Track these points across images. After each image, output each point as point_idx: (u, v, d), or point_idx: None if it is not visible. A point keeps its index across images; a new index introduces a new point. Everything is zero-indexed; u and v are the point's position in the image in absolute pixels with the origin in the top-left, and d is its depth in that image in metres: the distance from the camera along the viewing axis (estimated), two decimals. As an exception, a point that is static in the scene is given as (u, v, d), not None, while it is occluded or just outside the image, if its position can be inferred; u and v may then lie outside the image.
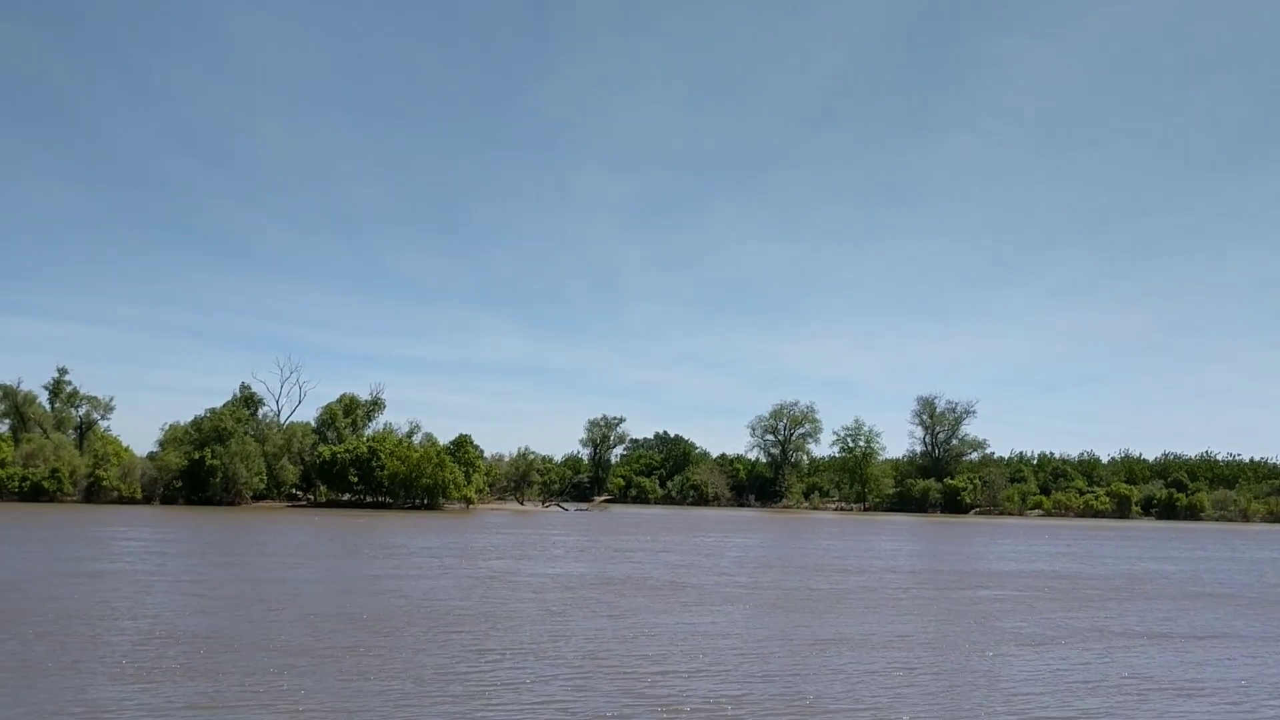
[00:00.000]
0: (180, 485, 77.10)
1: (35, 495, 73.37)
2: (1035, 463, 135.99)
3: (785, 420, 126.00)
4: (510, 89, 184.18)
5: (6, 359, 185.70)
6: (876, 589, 27.40)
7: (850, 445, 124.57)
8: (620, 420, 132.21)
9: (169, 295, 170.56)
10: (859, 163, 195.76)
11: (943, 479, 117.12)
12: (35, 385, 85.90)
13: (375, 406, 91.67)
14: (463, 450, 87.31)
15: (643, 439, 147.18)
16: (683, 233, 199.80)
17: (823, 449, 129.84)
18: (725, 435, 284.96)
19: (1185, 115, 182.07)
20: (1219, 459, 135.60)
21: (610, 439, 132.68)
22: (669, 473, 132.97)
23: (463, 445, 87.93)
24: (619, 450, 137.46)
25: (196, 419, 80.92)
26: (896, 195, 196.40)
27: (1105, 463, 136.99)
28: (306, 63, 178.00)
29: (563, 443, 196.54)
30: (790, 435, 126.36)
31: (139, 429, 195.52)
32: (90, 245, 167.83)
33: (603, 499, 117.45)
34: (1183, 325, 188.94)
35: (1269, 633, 20.92)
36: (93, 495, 75.56)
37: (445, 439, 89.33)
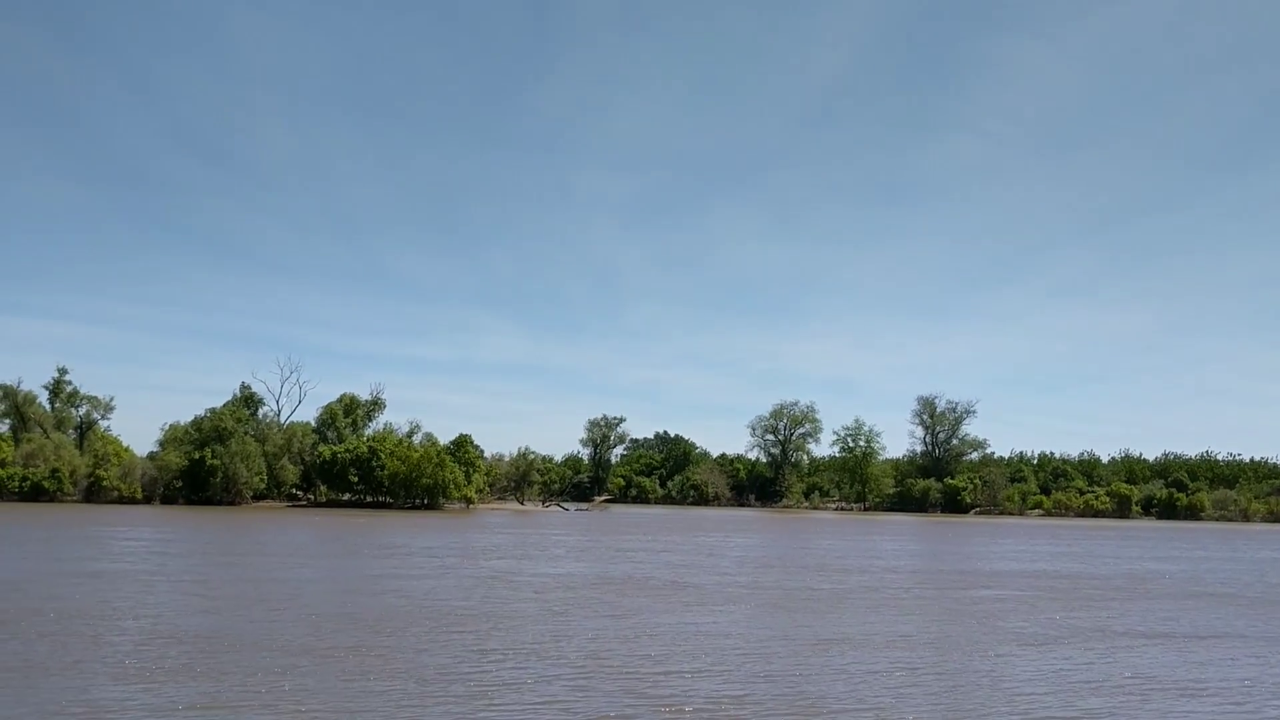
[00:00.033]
0: (180, 485, 77.11)
1: (35, 495, 73.38)
2: (1035, 463, 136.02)
3: (785, 420, 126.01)
4: (510, 89, 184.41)
5: (6, 359, 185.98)
6: (878, 589, 27.39)
7: (850, 445, 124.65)
8: (620, 420, 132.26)
9: (169, 295, 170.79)
10: (859, 163, 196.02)
11: (943, 479, 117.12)
12: (35, 385, 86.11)
13: (375, 406, 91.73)
14: (463, 450, 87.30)
15: (643, 439, 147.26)
16: (683, 233, 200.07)
17: (823, 449, 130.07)
18: (725, 435, 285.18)
19: (1185, 115, 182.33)
20: (1219, 459, 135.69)
21: (610, 439, 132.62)
22: (669, 473, 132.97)
23: (463, 445, 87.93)
24: (619, 450, 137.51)
25: (197, 419, 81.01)
26: (896, 195, 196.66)
27: (1105, 463, 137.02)
28: (306, 63, 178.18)
29: (563, 443, 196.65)
30: (790, 435, 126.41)
31: (139, 429, 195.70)
32: (90, 245, 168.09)
33: (603, 499, 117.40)
34: (1183, 325, 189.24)
35: (1271, 632, 20.91)
36: (93, 495, 75.56)
37: (445, 439, 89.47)
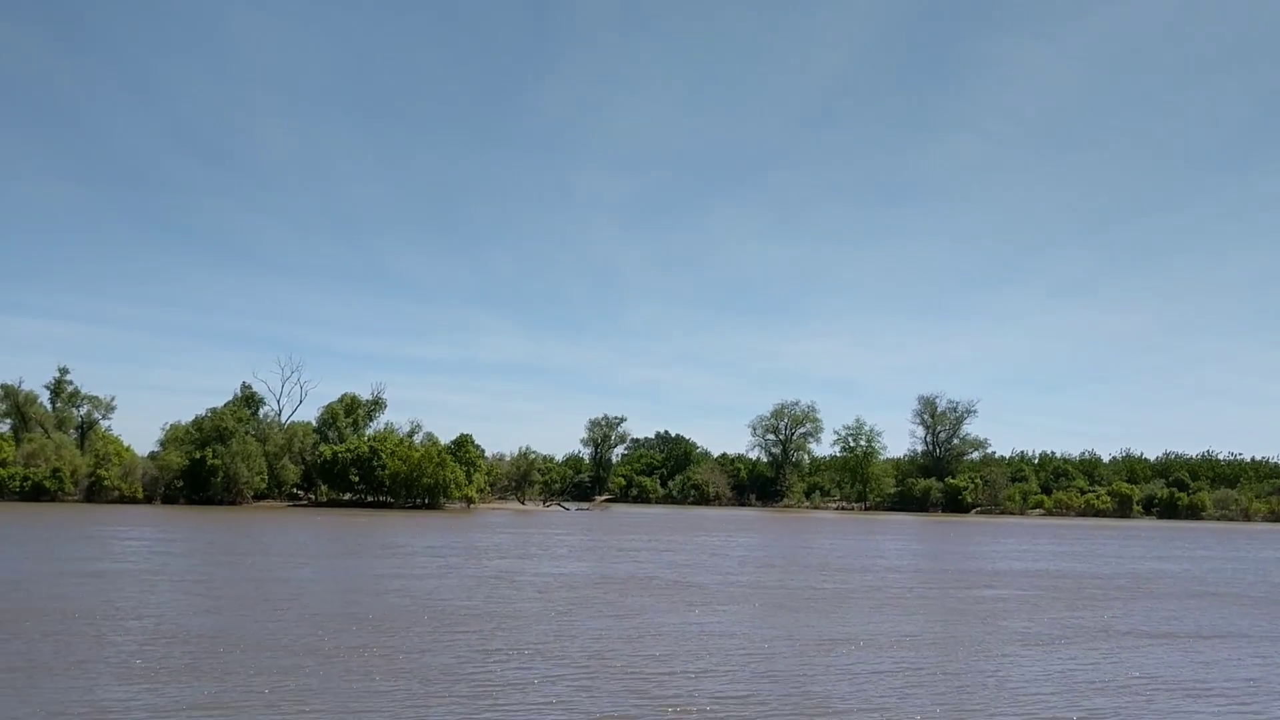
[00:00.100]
0: (181, 485, 77.09)
1: (36, 495, 73.39)
2: (1036, 462, 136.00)
3: (786, 420, 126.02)
4: (510, 89, 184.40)
5: (7, 359, 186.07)
6: (880, 588, 27.37)
7: (851, 445, 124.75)
8: (621, 420, 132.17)
9: (169, 295, 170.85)
10: (859, 163, 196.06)
11: (944, 478, 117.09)
12: (36, 385, 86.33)
13: (376, 406, 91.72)
14: (464, 450, 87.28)
15: (643, 439, 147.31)
16: (683, 233, 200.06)
17: (824, 448, 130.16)
18: (726, 435, 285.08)
19: (1185, 115, 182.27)
20: (1220, 458, 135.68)
21: (611, 439, 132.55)
22: (670, 472, 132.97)
23: (464, 445, 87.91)
24: (620, 450, 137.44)
25: (197, 419, 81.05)
26: (896, 195, 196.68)
27: (1106, 462, 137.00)
28: (306, 63, 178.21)
29: (563, 442, 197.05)
30: (791, 435, 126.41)
31: (140, 429, 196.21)
32: (90, 245, 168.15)
33: (604, 498, 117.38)
34: (1183, 325, 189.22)
35: (1275, 632, 20.88)
36: (94, 495, 75.56)
37: (446, 439, 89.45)
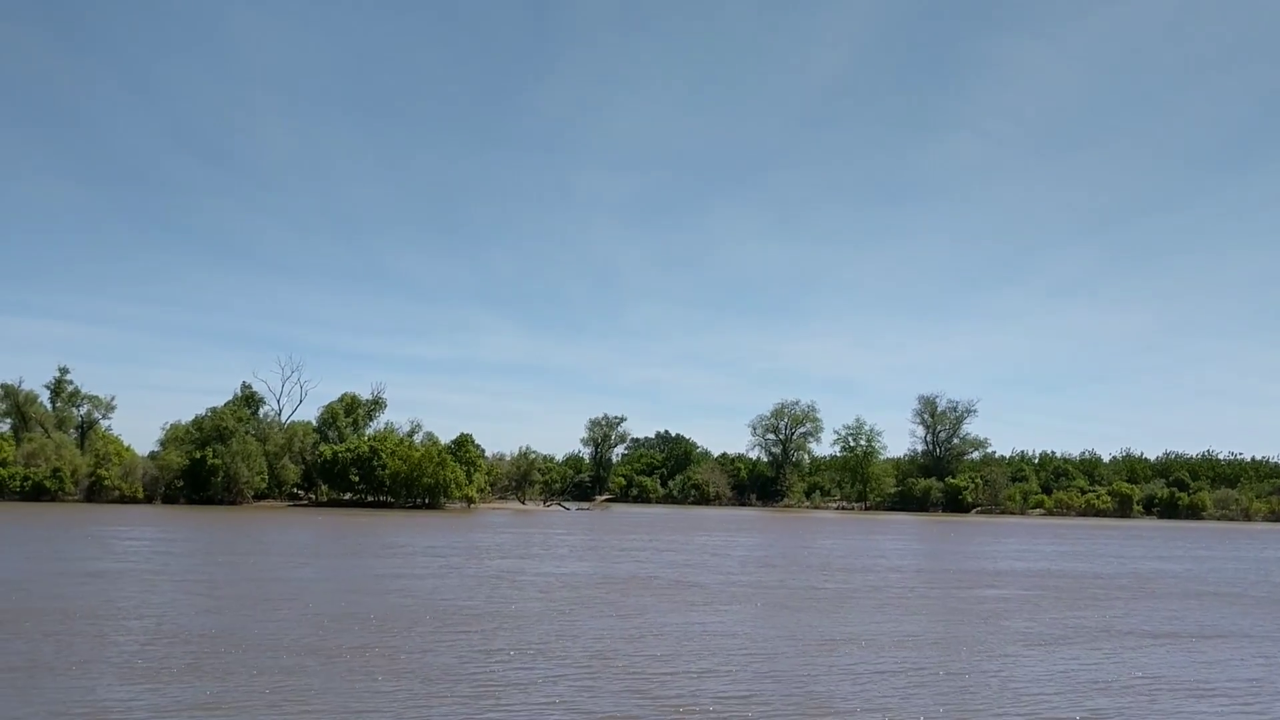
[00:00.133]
0: (182, 485, 77.08)
1: (37, 495, 73.38)
2: (1036, 462, 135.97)
3: (786, 419, 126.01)
4: (510, 89, 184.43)
5: (7, 359, 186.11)
6: (882, 588, 27.35)
7: (851, 444, 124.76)
8: (621, 420, 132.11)
9: (169, 295, 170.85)
10: (859, 163, 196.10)
11: (944, 478, 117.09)
12: (36, 385, 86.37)
13: (376, 406, 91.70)
14: (464, 450, 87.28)
15: (644, 438, 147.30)
16: (683, 233, 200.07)
17: (824, 448, 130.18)
18: (726, 435, 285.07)
19: (1185, 115, 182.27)
20: (1220, 458, 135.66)
21: (611, 438, 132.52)
22: (670, 472, 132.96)
23: (464, 444, 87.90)
24: (620, 450, 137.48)
25: (198, 418, 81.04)
26: (896, 195, 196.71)
27: (1107, 462, 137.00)
28: (306, 63, 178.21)
29: (564, 442, 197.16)
30: (791, 434, 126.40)
31: (140, 428, 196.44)
32: (90, 245, 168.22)
33: (604, 498, 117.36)
34: (1183, 325, 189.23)
35: (1277, 632, 20.86)
36: (94, 495, 75.55)
37: (446, 439, 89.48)
